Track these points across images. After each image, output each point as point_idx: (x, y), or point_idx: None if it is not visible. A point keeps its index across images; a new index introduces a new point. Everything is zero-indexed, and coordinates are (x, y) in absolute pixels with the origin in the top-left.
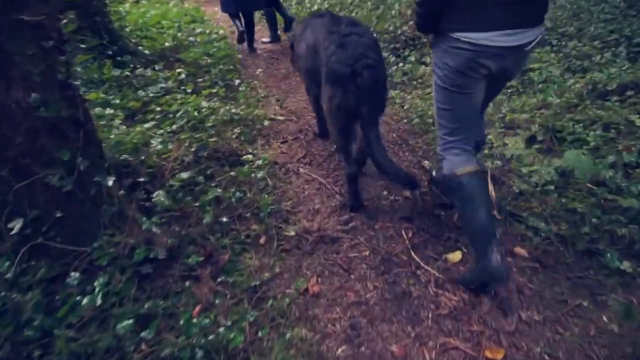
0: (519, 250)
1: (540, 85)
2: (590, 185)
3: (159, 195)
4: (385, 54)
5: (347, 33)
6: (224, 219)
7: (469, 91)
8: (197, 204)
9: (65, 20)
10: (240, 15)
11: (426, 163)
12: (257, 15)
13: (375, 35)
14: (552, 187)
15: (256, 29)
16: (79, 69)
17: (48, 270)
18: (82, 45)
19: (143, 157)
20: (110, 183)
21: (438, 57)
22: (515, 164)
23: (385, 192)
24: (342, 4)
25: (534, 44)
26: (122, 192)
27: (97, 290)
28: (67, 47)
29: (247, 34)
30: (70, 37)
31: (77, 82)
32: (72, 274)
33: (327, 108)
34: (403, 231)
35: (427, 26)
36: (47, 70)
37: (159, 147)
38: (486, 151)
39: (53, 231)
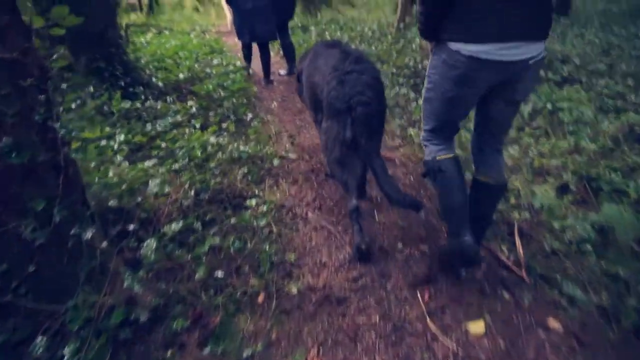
0: (552, 322)
1: (571, 127)
2: (634, 246)
3: (147, 248)
4: (404, 90)
5: (349, 70)
6: (219, 274)
7: (459, 105)
8: (190, 256)
9: (55, 56)
10: (255, 45)
11: None
12: (276, 47)
13: (379, 70)
14: (589, 247)
15: (273, 60)
16: (71, 106)
17: (14, 333)
18: (67, 81)
19: (140, 199)
20: (89, 235)
21: (435, 66)
22: (545, 216)
23: (400, 245)
24: (362, 37)
25: (537, 58)
26: (105, 243)
27: (65, 359)
28: (50, 84)
29: (263, 65)
30: (57, 73)
31: (57, 125)
32: (39, 338)
33: (324, 140)
34: (418, 292)
35: (429, 32)
36: (23, 110)
37: (156, 189)
38: (512, 200)
39: (24, 287)
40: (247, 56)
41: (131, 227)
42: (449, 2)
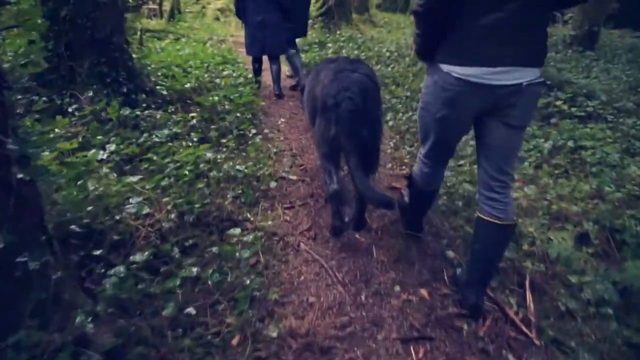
0: None
1: (593, 169)
2: None
3: (112, 278)
4: (416, 117)
5: (341, 70)
6: (191, 310)
7: (450, 125)
8: (161, 288)
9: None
10: (264, 59)
11: (451, 254)
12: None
13: (373, 70)
14: (609, 310)
15: (284, 75)
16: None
17: None
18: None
19: (118, 217)
20: (36, 264)
21: (428, 86)
22: (561, 268)
23: (397, 288)
24: (380, 57)
25: (531, 83)
26: (60, 272)
27: None
28: (5, 94)
29: (274, 79)
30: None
31: (9, 139)
32: None
33: (315, 138)
34: (412, 347)
35: (425, 54)
36: None
37: (133, 210)
38: (525, 247)
39: None
40: (257, 70)
41: (99, 252)
42: (443, 26)
